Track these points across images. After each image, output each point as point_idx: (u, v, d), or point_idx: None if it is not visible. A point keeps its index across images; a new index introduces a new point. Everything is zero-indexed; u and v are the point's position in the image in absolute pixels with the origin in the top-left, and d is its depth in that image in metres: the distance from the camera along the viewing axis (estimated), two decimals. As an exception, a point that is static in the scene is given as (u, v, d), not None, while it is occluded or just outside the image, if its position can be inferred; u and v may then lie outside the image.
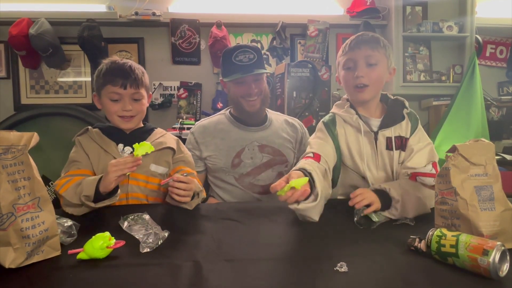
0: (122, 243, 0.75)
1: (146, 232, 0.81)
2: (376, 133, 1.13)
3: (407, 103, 1.16)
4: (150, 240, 0.78)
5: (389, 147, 1.13)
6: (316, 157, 1.07)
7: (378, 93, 1.17)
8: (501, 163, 2.22)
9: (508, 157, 2.27)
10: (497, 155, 2.20)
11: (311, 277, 0.65)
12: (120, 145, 1.18)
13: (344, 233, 0.87)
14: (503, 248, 0.63)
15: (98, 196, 0.97)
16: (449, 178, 0.77)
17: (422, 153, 1.09)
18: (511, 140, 2.56)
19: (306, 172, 0.91)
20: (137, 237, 0.80)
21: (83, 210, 1.00)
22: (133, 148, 1.15)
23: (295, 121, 1.58)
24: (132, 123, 1.19)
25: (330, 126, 1.17)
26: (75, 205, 0.99)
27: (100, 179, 0.98)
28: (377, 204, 0.94)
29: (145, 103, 1.21)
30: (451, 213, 0.78)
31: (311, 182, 0.88)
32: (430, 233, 0.72)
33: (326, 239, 0.82)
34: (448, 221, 0.79)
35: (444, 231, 0.71)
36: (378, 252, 0.75)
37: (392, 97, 1.19)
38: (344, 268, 0.66)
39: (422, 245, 0.72)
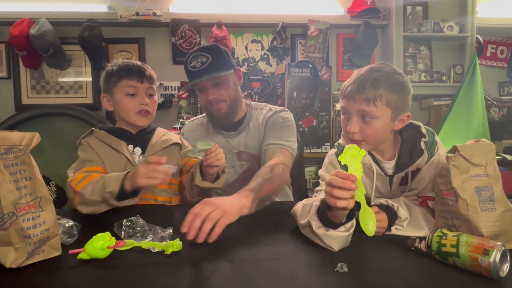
0: (122, 243, 0.75)
1: (153, 237, 0.81)
2: (391, 177, 1.00)
3: (423, 129, 0.99)
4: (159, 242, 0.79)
5: (403, 183, 1.01)
6: None
7: (385, 140, 0.98)
8: (502, 163, 2.22)
9: (508, 157, 2.27)
10: (497, 155, 2.20)
11: (311, 277, 0.65)
12: (130, 146, 1.17)
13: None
14: (503, 248, 0.63)
15: (121, 194, 0.95)
16: (449, 178, 0.77)
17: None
18: (511, 140, 2.56)
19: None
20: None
21: (100, 208, 0.96)
22: (142, 150, 1.16)
23: (273, 111, 1.38)
24: (148, 119, 1.20)
25: None
26: (92, 203, 0.96)
27: (125, 176, 0.96)
28: (385, 225, 0.86)
29: (157, 100, 1.24)
30: (452, 214, 0.78)
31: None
32: (431, 233, 0.72)
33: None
34: (449, 221, 0.79)
35: (445, 231, 0.71)
36: (379, 253, 0.75)
37: (409, 121, 1.00)
38: (344, 269, 0.65)
39: (422, 245, 0.72)
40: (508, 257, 0.63)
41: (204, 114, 1.49)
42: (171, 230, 0.82)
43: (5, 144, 0.67)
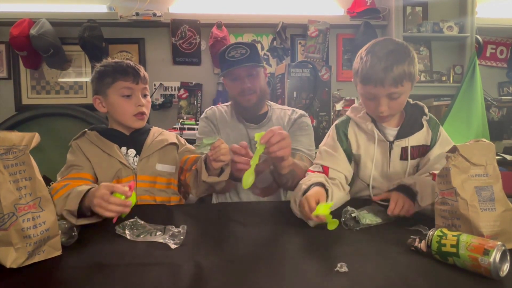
0: (133, 183, 0.88)
1: (162, 233, 0.82)
2: (391, 143, 1.09)
3: (426, 109, 1.12)
4: (169, 237, 0.80)
5: (403, 157, 1.09)
6: (325, 171, 1.09)
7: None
8: (502, 163, 2.22)
9: (508, 157, 2.27)
10: (497, 155, 2.20)
11: (311, 277, 0.65)
12: (124, 148, 1.15)
13: (344, 233, 0.87)
14: (503, 248, 0.63)
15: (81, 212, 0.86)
16: (449, 178, 0.77)
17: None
18: (511, 140, 2.56)
19: (325, 189, 0.97)
20: (159, 240, 0.80)
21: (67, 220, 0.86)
22: (136, 152, 1.16)
23: (298, 113, 1.48)
24: (144, 121, 1.18)
25: (342, 129, 1.14)
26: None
27: (86, 192, 0.87)
28: (411, 207, 0.93)
29: (150, 100, 1.22)
30: (452, 214, 0.78)
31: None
32: (431, 233, 0.72)
33: (326, 239, 0.83)
34: (449, 221, 0.79)
35: (445, 230, 0.71)
36: (378, 252, 0.75)
37: (411, 102, 1.13)
38: (344, 268, 0.65)
39: (422, 245, 0.72)
40: (508, 257, 0.63)
41: (225, 104, 1.53)
42: (180, 228, 0.83)
43: (5, 145, 0.67)
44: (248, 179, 0.94)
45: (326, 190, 0.96)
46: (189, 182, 1.15)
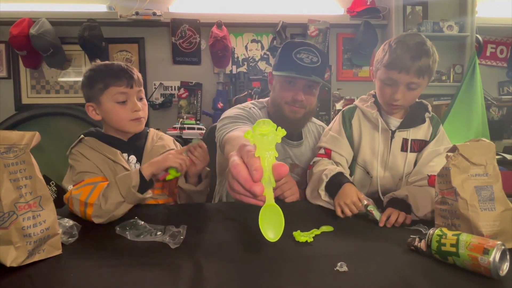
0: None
1: (162, 233, 0.82)
2: (393, 132, 1.13)
3: (430, 108, 1.16)
4: (169, 237, 0.80)
5: (403, 148, 1.13)
6: (327, 153, 1.16)
7: None
8: (502, 163, 2.22)
9: (508, 156, 2.27)
10: (497, 154, 2.20)
11: (311, 277, 0.65)
12: (125, 155, 1.12)
13: (344, 233, 0.87)
14: (503, 247, 0.63)
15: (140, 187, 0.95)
16: (449, 178, 0.77)
17: (443, 156, 1.00)
18: (511, 139, 2.56)
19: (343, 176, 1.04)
20: (159, 240, 0.80)
21: (117, 214, 0.92)
22: (137, 158, 1.15)
23: (322, 127, 1.44)
24: (142, 124, 1.13)
25: (347, 117, 1.19)
26: (109, 212, 0.91)
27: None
28: (408, 219, 0.93)
29: (147, 103, 1.17)
30: (451, 213, 0.78)
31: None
32: (431, 232, 0.72)
33: (326, 239, 0.83)
34: (448, 221, 0.79)
35: (445, 230, 0.71)
36: (378, 252, 0.75)
37: (417, 100, 1.16)
38: (344, 268, 0.66)
39: (422, 245, 0.72)
40: (508, 256, 0.63)
41: (254, 106, 1.32)
42: (180, 228, 0.83)
43: (5, 143, 0.67)
44: (268, 228, 0.53)
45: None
46: (173, 188, 1.16)
